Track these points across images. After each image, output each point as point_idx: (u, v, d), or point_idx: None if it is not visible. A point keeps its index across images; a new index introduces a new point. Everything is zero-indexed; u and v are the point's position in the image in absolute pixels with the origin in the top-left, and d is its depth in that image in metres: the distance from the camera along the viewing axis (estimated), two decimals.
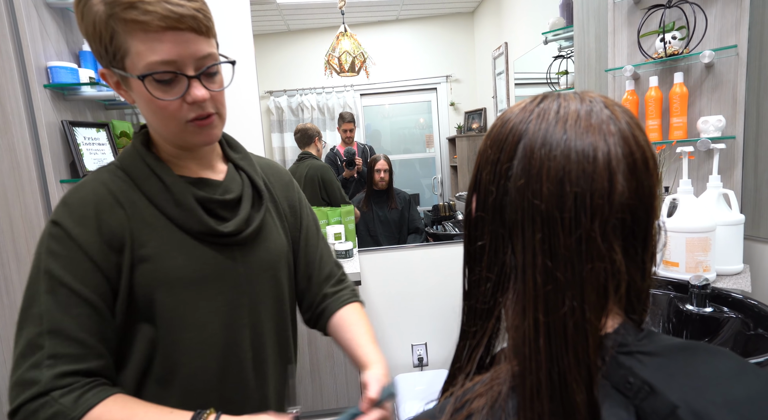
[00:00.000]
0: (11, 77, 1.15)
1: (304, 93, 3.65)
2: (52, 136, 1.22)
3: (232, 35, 1.62)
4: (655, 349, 0.37)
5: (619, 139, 0.36)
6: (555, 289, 0.34)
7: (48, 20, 1.24)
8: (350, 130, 2.81)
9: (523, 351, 0.35)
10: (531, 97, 0.41)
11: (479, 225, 0.41)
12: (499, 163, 0.38)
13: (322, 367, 1.35)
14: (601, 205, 0.34)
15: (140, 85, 0.52)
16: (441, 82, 3.70)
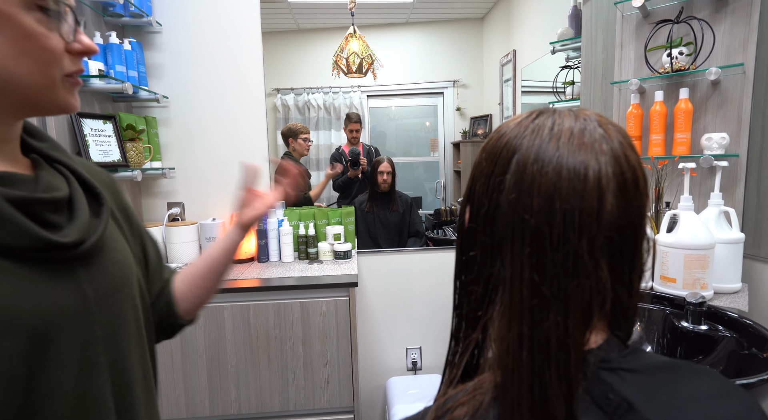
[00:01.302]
0: None
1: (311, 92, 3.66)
2: (60, 127, 1.23)
3: (240, 32, 1.63)
4: (638, 367, 0.37)
5: (611, 159, 0.36)
6: (540, 303, 0.35)
7: None
8: (356, 131, 2.82)
9: (506, 362, 0.36)
10: (528, 111, 0.42)
11: (471, 236, 0.41)
12: (492, 176, 0.39)
13: (316, 366, 1.36)
14: (589, 222, 0.35)
15: (17, 13, 0.40)
16: (448, 86, 3.71)
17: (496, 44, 3.38)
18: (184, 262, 1.55)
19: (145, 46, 1.58)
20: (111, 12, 1.42)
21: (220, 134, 1.67)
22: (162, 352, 1.32)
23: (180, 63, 1.62)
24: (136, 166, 1.42)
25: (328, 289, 1.37)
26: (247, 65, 1.65)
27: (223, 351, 1.34)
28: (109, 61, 1.35)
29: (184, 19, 1.61)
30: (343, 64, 2.63)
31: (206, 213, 1.69)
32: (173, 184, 1.67)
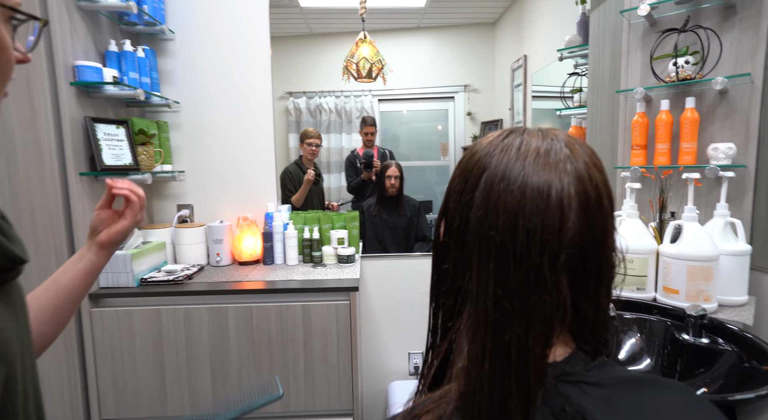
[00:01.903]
0: (41, 74, 1.22)
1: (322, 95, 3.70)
2: (75, 131, 1.28)
3: (249, 38, 1.67)
4: (601, 381, 0.38)
5: (574, 178, 0.38)
6: (503, 317, 0.36)
7: (78, 21, 1.31)
8: (371, 134, 2.85)
9: (469, 373, 0.37)
10: (500, 130, 0.43)
11: (444, 249, 0.43)
12: (463, 193, 0.41)
13: (316, 369, 1.38)
14: (550, 240, 0.36)
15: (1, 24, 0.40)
16: (459, 91, 3.71)
17: (508, 49, 3.38)
18: (191, 262, 1.59)
19: (158, 52, 1.63)
20: (126, 21, 1.47)
21: (229, 138, 1.71)
22: (168, 350, 1.35)
23: (191, 69, 1.67)
24: (146, 170, 1.47)
25: (330, 293, 1.39)
26: (256, 71, 1.69)
27: (227, 351, 1.37)
28: (123, 68, 1.40)
29: (196, 27, 1.65)
30: (353, 69, 2.65)
31: (214, 215, 1.73)
32: (183, 187, 1.72)
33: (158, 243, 1.50)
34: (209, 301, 1.36)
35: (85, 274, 0.64)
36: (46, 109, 1.23)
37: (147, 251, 1.43)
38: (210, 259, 1.65)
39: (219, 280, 1.45)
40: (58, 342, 1.31)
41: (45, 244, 1.27)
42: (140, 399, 1.37)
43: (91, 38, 1.37)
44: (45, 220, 1.27)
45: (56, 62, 1.23)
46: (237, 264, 1.66)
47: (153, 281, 1.39)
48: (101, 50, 1.40)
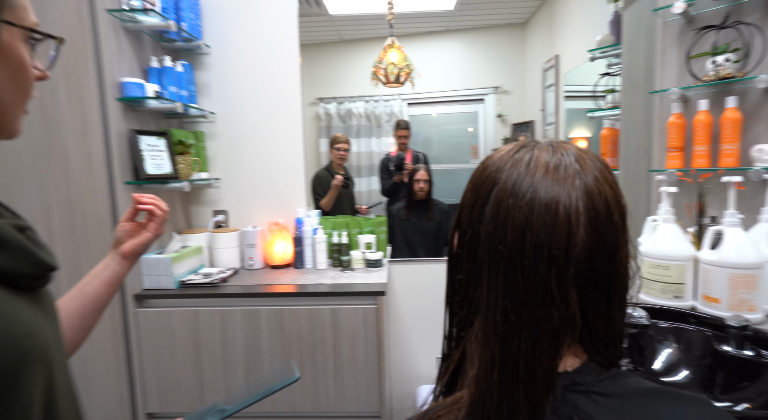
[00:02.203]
0: (91, 91, 1.32)
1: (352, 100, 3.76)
2: (121, 143, 1.38)
3: (280, 50, 1.73)
4: (614, 392, 0.38)
5: (583, 193, 0.38)
6: (511, 329, 0.37)
7: (124, 41, 1.40)
8: (404, 137, 2.88)
9: (479, 382, 0.38)
10: (512, 144, 0.44)
11: (458, 261, 0.44)
12: (474, 207, 0.41)
13: (345, 371, 1.41)
14: (558, 256, 0.36)
15: (18, 46, 0.42)
16: (489, 93, 3.67)
17: (539, 50, 3.31)
18: (226, 265, 1.67)
19: (195, 66, 1.72)
20: (166, 38, 1.56)
21: (261, 146, 1.78)
22: (205, 350, 1.42)
23: (226, 81, 1.75)
24: (184, 178, 1.55)
25: (358, 297, 1.41)
26: (286, 81, 1.75)
27: (259, 352, 1.42)
28: (164, 83, 1.49)
29: (230, 41, 1.73)
30: (381, 74, 2.68)
31: (247, 220, 1.80)
32: (218, 194, 1.80)
33: (196, 247, 1.58)
34: (243, 304, 1.42)
35: (109, 283, 0.68)
36: (95, 124, 1.33)
37: (186, 255, 1.51)
38: (244, 262, 1.72)
39: (252, 283, 1.50)
40: (107, 340, 1.40)
41: (96, 247, 1.37)
42: (180, 395, 1.45)
43: (135, 56, 1.46)
44: (95, 225, 1.36)
45: (104, 80, 1.32)
46: (269, 267, 1.72)
47: (191, 283, 1.46)
48: (144, 66, 1.50)
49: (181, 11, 1.54)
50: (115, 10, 1.34)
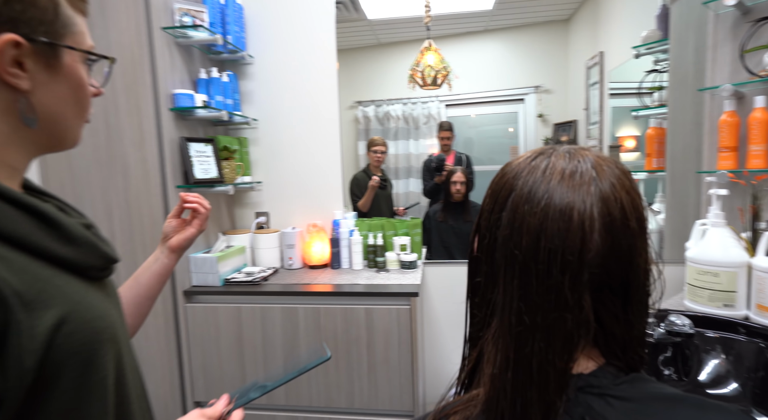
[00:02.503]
0: (148, 103, 1.43)
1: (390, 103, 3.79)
2: (173, 150, 1.48)
3: (318, 56, 1.80)
4: (631, 396, 0.38)
5: (598, 200, 0.38)
6: (525, 330, 0.38)
7: (176, 55, 1.51)
8: (447, 139, 2.89)
9: (494, 381, 0.39)
10: (531, 151, 0.45)
11: (477, 264, 0.46)
12: (492, 212, 0.43)
13: (379, 370, 1.44)
14: (571, 261, 0.37)
15: (77, 67, 0.48)
16: (529, 92, 3.58)
17: (582, 46, 3.19)
18: (267, 265, 1.75)
19: (239, 76, 1.82)
20: (213, 50, 1.67)
21: (300, 150, 1.86)
22: (247, 344, 1.50)
23: (268, 89, 1.84)
24: (229, 182, 1.65)
25: (392, 298, 1.44)
26: (324, 87, 1.81)
27: (297, 347, 1.48)
28: (211, 93, 1.59)
29: (271, 51, 1.82)
30: (418, 77, 2.71)
31: (287, 222, 1.88)
32: (260, 196, 1.89)
33: (239, 247, 1.67)
34: (282, 302, 1.49)
35: (160, 275, 0.75)
36: (151, 132, 1.44)
37: (230, 254, 1.60)
38: (283, 262, 1.79)
39: (291, 282, 1.57)
40: (160, 332, 1.52)
41: (150, 244, 1.49)
42: (224, 386, 1.53)
43: (186, 68, 1.57)
44: (150, 225, 1.48)
45: (159, 92, 1.44)
46: (307, 267, 1.78)
47: (234, 281, 1.55)
48: (193, 78, 1.61)
49: (227, 25, 1.63)
50: (169, 28, 1.45)
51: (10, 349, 0.37)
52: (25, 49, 0.43)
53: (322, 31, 1.79)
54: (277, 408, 1.53)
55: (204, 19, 1.51)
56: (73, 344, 0.43)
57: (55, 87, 0.46)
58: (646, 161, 1.72)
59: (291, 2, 1.80)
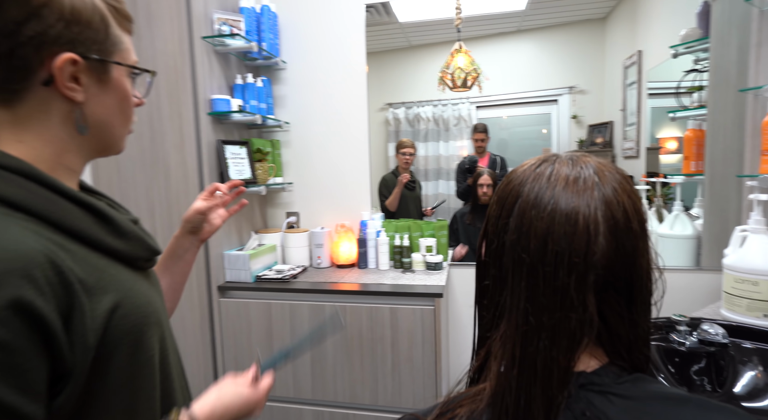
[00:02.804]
0: (188, 108, 1.52)
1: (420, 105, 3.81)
2: (210, 152, 1.57)
3: (348, 61, 1.85)
4: (632, 394, 0.39)
5: (602, 204, 0.40)
6: (531, 330, 0.40)
7: (214, 62, 1.60)
8: (481, 140, 2.89)
9: (500, 377, 0.41)
10: (535, 158, 0.47)
11: (485, 268, 0.48)
12: (500, 218, 0.45)
13: (402, 368, 1.46)
14: (577, 263, 0.39)
15: (124, 80, 0.53)
16: (563, 93, 3.51)
17: (620, 45, 3.10)
18: (296, 263, 1.81)
19: (273, 81, 1.89)
20: (249, 57, 1.74)
21: (330, 152, 1.91)
22: (276, 339, 1.56)
23: (300, 93, 1.90)
24: (262, 183, 1.72)
25: (416, 298, 1.46)
26: (353, 91, 1.86)
27: (324, 344, 1.53)
28: (246, 97, 1.66)
29: (304, 56, 1.88)
30: (448, 79, 2.71)
31: (316, 222, 1.93)
32: (291, 197, 1.96)
33: (270, 245, 1.74)
34: (310, 299, 1.54)
35: (191, 263, 0.81)
36: (190, 136, 1.53)
37: (261, 252, 1.67)
38: (312, 261, 1.85)
39: (319, 281, 1.62)
40: (196, 326, 1.60)
41: None
42: None
43: (223, 74, 1.66)
44: None
45: (198, 97, 1.52)
46: (335, 266, 1.83)
47: (265, 278, 1.62)
48: (230, 83, 1.69)
49: (262, 32, 1.71)
50: (208, 37, 1.53)
51: (76, 328, 0.43)
52: (81, 66, 0.48)
53: (353, 37, 1.84)
54: (304, 402, 1.58)
55: (241, 27, 1.59)
56: (126, 326, 0.48)
57: (105, 98, 0.52)
58: (684, 164, 1.66)
59: (323, 10, 1.86)
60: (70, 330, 0.43)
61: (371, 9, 2.04)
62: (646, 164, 2.09)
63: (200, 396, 0.62)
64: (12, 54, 0.44)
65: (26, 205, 0.44)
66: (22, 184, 0.44)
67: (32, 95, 0.47)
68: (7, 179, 0.44)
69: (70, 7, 0.46)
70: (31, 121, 0.48)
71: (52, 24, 0.45)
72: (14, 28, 0.44)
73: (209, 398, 0.61)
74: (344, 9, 1.85)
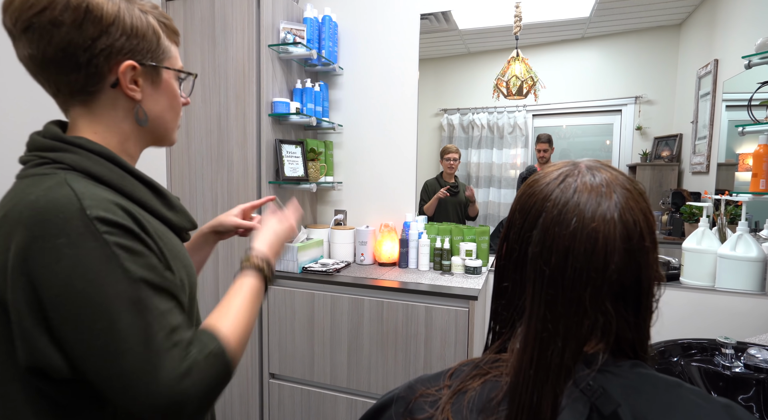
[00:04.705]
0: (252, 109, 1.67)
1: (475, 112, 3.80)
2: (268, 150, 1.71)
3: (401, 67, 1.93)
4: (628, 375, 0.43)
5: (620, 224, 0.43)
6: (549, 335, 0.43)
7: (277, 68, 1.74)
8: (544, 151, 2.86)
9: (518, 374, 0.44)
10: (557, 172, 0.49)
11: (505, 271, 0.51)
12: (523, 229, 0.48)
13: (434, 366, 1.49)
14: (594, 278, 0.42)
15: (172, 82, 0.63)
16: (628, 103, 3.34)
17: (694, 54, 2.90)
18: (341, 259, 1.90)
19: (330, 85, 2.01)
20: (309, 63, 1.88)
21: (379, 155, 1.99)
22: (317, 328, 1.66)
23: (354, 97, 2.01)
24: (313, 181, 1.83)
25: (452, 299, 1.49)
26: (404, 96, 1.93)
27: (361, 336, 1.60)
28: (304, 101, 1.79)
29: (359, 63, 1.99)
30: (503, 86, 2.70)
31: (362, 220, 2.02)
32: (340, 195, 2.06)
33: (318, 240, 1.85)
34: (351, 293, 1.62)
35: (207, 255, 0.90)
36: (252, 135, 1.68)
37: (309, 246, 1.79)
38: (355, 257, 1.94)
39: (360, 276, 1.70)
40: None
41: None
42: (295, 363, 1.71)
43: (285, 79, 1.80)
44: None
45: (261, 100, 1.67)
46: (377, 264, 1.90)
47: (311, 270, 1.73)
48: (291, 87, 1.83)
49: (323, 40, 1.83)
50: (274, 45, 1.68)
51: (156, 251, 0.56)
52: (139, 71, 0.59)
53: (406, 46, 1.92)
54: (339, 390, 1.66)
55: (303, 36, 1.72)
56: (182, 278, 0.60)
57: (158, 97, 0.62)
58: (752, 181, 1.55)
59: (380, 19, 1.95)
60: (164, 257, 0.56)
61: (431, 17, 2.11)
62: (716, 181, 1.96)
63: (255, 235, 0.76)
64: (89, 63, 0.55)
65: (107, 179, 0.55)
66: (103, 164, 0.56)
67: (104, 96, 0.58)
68: (92, 159, 0.56)
69: (130, 24, 0.56)
70: (102, 116, 0.59)
71: (117, 38, 0.56)
72: (90, 43, 0.54)
73: (264, 234, 0.76)
74: (400, 18, 1.93)
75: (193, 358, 0.52)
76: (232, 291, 0.64)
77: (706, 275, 1.58)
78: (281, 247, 0.77)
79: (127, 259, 0.50)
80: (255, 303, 0.65)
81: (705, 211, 1.70)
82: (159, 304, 0.52)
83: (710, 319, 1.52)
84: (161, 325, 0.51)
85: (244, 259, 0.70)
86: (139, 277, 0.51)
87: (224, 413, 1.85)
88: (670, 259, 1.90)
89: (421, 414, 0.47)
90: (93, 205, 0.50)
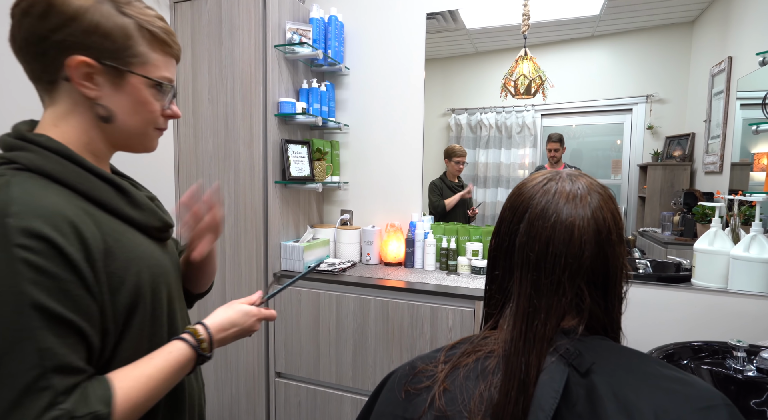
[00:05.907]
0: (258, 109, 1.68)
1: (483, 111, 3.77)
2: (275, 150, 1.72)
3: (407, 68, 1.92)
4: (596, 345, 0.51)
5: (591, 219, 0.52)
6: (534, 311, 0.52)
7: (283, 68, 1.75)
8: (555, 150, 2.84)
9: (508, 345, 0.52)
10: (542, 176, 0.58)
11: (496, 259, 0.59)
12: (512, 223, 0.57)
13: None
14: (571, 263, 0.51)
15: (142, 88, 0.61)
16: (639, 102, 3.29)
17: (707, 51, 2.84)
18: (347, 258, 1.90)
19: (336, 85, 2.02)
20: (315, 63, 1.88)
21: (385, 155, 1.99)
22: (323, 327, 1.67)
23: (360, 97, 2.01)
24: (319, 180, 1.84)
25: (457, 299, 1.48)
26: (410, 97, 1.93)
27: (366, 335, 1.60)
28: (310, 101, 1.80)
29: (365, 63, 1.99)
30: (511, 85, 2.68)
31: (368, 220, 2.02)
32: (346, 195, 2.07)
33: (324, 239, 1.86)
34: (357, 292, 1.62)
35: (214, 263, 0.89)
36: (259, 134, 1.69)
37: (315, 245, 1.79)
38: (361, 257, 1.94)
39: (366, 276, 1.70)
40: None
41: (252, 230, 1.73)
42: (301, 362, 1.72)
43: (291, 79, 1.81)
44: (252, 213, 1.73)
45: (268, 100, 1.68)
46: (383, 264, 1.90)
47: (317, 270, 1.73)
48: (297, 87, 1.84)
49: (329, 41, 1.84)
50: (280, 45, 1.69)
51: (99, 276, 0.55)
52: (96, 69, 0.58)
53: (413, 46, 1.91)
54: (345, 389, 1.66)
55: (309, 36, 1.73)
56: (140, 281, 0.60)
57: (119, 99, 0.61)
58: (766, 182, 1.52)
59: (386, 19, 1.95)
60: (96, 275, 0.54)
61: (438, 16, 2.10)
62: (730, 181, 1.93)
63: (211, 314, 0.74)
64: (45, 54, 0.57)
65: (61, 178, 0.55)
66: (58, 162, 0.56)
67: (61, 87, 0.59)
68: (48, 157, 0.55)
69: (94, 22, 0.56)
70: (64, 110, 0.60)
71: (75, 33, 0.56)
72: (48, 34, 0.56)
73: (216, 313, 0.72)
74: (406, 18, 1.93)
75: (63, 411, 0.46)
76: (159, 354, 0.60)
77: (718, 277, 1.55)
78: (231, 340, 0.72)
79: (30, 281, 0.47)
80: (174, 375, 0.61)
81: (718, 211, 1.66)
82: (45, 338, 0.47)
83: (722, 321, 1.49)
84: (38, 361, 0.46)
85: (191, 327, 0.67)
86: (33, 303, 0.47)
87: (231, 411, 1.86)
88: (681, 261, 1.87)
89: (420, 384, 0.55)
90: (22, 212, 0.48)
